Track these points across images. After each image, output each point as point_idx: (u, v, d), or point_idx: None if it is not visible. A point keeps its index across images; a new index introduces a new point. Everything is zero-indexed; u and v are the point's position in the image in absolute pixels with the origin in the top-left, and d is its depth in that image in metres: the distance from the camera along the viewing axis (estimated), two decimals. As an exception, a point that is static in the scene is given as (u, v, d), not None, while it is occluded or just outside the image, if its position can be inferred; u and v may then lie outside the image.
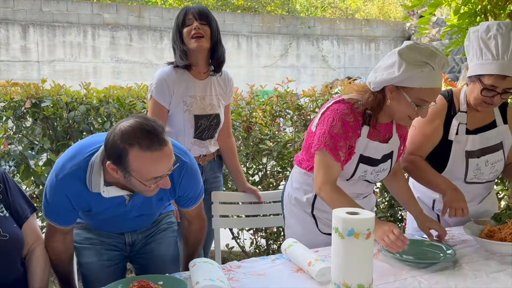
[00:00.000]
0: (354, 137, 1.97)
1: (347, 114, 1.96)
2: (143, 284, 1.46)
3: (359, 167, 2.02)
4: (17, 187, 1.86)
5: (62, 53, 9.85)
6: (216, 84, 2.57)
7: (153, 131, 1.56)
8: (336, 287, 1.50)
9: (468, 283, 1.61)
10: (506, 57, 2.05)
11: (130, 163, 1.56)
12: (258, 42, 12.09)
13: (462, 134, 2.23)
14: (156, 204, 1.93)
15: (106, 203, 1.79)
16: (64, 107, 3.32)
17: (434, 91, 1.89)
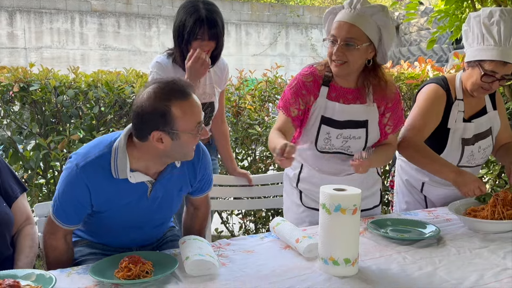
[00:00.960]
0: (309, 96, 2.07)
1: (305, 75, 2.10)
2: (134, 259, 1.48)
3: (321, 128, 2.07)
4: (8, 167, 1.86)
5: (50, 40, 9.75)
6: (212, 73, 2.56)
7: (178, 83, 1.62)
8: (323, 261, 1.54)
9: (452, 258, 1.66)
10: (508, 43, 2.08)
11: (175, 117, 1.57)
12: (247, 30, 12.05)
13: (460, 122, 2.26)
14: (176, 197, 1.85)
15: (129, 194, 1.71)
16: (53, 91, 3.30)
17: (338, 23, 2.00)
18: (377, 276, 1.51)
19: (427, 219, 2.08)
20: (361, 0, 1.95)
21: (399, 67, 3.63)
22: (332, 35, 1.98)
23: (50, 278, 1.42)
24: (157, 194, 1.76)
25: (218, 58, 2.53)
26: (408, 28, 13.07)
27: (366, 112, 2.08)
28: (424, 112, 2.25)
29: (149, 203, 1.76)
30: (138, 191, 1.72)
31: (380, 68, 2.07)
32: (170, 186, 1.78)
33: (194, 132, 1.62)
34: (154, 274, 1.47)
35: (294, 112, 2.07)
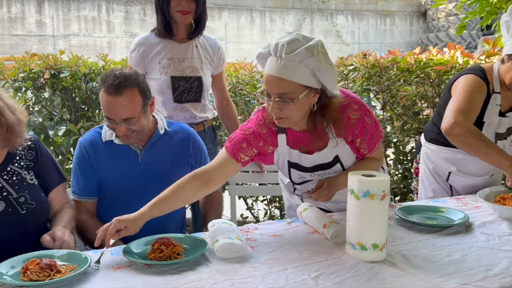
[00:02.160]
0: (266, 147, 1.86)
1: (260, 126, 1.84)
2: (165, 241, 1.51)
3: (291, 172, 1.92)
4: (49, 157, 1.90)
5: (77, 28, 9.88)
6: (201, 49, 2.56)
7: (115, 79, 1.81)
8: (351, 246, 1.55)
9: (481, 245, 1.64)
10: None
11: (99, 96, 1.88)
12: (271, 17, 11.98)
13: (495, 115, 2.20)
14: (171, 171, 1.97)
15: (120, 157, 1.94)
16: (82, 78, 3.36)
17: (267, 77, 1.70)
18: (405, 261, 1.51)
19: (456, 206, 2.06)
20: (285, 47, 1.62)
21: (428, 53, 3.57)
22: (264, 89, 1.71)
23: (85, 258, 1.47)
24: (148, 160, 1.95)
25: (202, 26, 2.52)
26: (436, 14, 12.80)
27: (334, 151, 1.85)
28: (470, 99, 2.13)
29: (142, 170, 1.94)
30: (128, 155, 1.96)
31: (328, 108, 1.74)
32: (160, 155, 1.98)
33: (105, 120, 1.87)
34: (185, 256, 1.51)
35: (244, 159, 1.85)
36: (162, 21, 2.44)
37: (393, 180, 3.57)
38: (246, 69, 3.83)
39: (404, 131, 3.54)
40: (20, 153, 1.80)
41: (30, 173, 1.80)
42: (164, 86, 2.46)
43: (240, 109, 3.74)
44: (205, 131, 2.62)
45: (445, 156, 2.33)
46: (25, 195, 1.74)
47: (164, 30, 2.45)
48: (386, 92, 3.55)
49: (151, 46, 2.47)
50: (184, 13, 2.41)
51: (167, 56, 2.47)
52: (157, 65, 2.46)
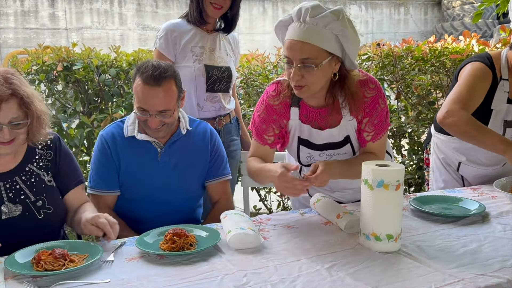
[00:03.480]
0: (280, 120, 1.86)
1: (272, 97, 1.85)
2: (178, 232, 1.51)
3: (300, 149, 1.91)
4: (69, 156, 1.82)
5: (90, 21, 9.90)
6: (225, 41, 2.58)
7: (155, 70, 1.79)
8: (365, 237, 1.53)
9: (497, 235, 1.62)
10: None
11: (133, 87, 1.87)
12: (284, 7, 11.89)
13: (503, 103, 2.16)
14: (191, 169, 1.98)
15: (140, 153, 1.92)
16: (95, 70, 3.37)
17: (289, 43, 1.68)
18: (420, 252, 1.49)
19: (471, 196, 2.03)
20: (310, 11, 1.61)
21: (443, 41, 3.51)
22: (285, 57, 1.69)
23: (96, 247, 1.47)
24: (167, 159, 1.94)
25: (233, 24, 2.53)
26: (451, 3, 12.60)
27: (346, 129, 1.84)
28: (470, 87, 2.12)
29: (160, 169, 1.93)
30: (148, 152, 1.93)
31: (347, 79, 1.75)
32: (180, 154, 1.96)
33: (137, 111, 1.84)
34: (198, 247, 1.50)
35: (270, 140, 1.89)
36: (197, 8, 2.43)
37: (408, 171, 3.53)
38: (258, 60, 3.81)
39: (418, 121, 3.49)
40: (40, 152, 1.74)
41: (49, 175, 1.74)
42: (198, 74, 2.44)
43: (253, 100, 3.73)
44: (231, 123, 2.63)
45: (454, 146, 2.30)
46: (43, 199, 1.70)
47: (199, 17, 2.44)
48: (401, 82, 3.50)
49: (183, 32, 2.45)
50: (217, 7, 2.40)
51: (199, 45, 2.46)
52: (189, 52, 2.44)
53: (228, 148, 2.57)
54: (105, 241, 1.56)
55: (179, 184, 1.96)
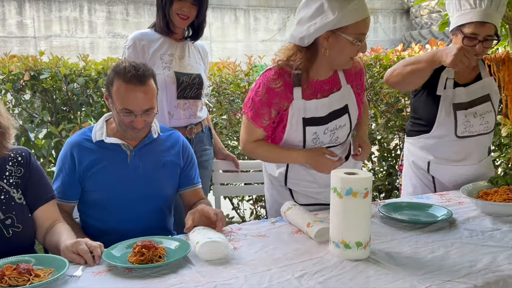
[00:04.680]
0: (282, 103, 1.93)
1: (273, 80, 1.91)
2: (146, 244, 1.49)
3: (306, 131, 1.97)
4: (39, 172, 1.77)
5: (59, 29, 9.76)
6: (194, 49, 2.58)
7: (136, 70, 1.80)
8: (334, 245, 1.54)
9: (464, 241, 1.65)
10: (483, 4, 2.11)
11: (113, 91, 1.83)
12: (255, 16, 11.97)
13: (450, 88, 2.26)
14: (161, 172, 1.96)
15: (108, 157, 1.91)
16: (63, 79, 3.32)
17: (366, 20, 1.87)
18: (388, 259, 1.51)
19: (439, 202, 2.07)
20: None
21: (410, 50, 3.59)
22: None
23: (62, 260, 1.44)
24: (137, 163, 1.92)
25: (200, 32, 2.53)
26: (419, 11, 12.89)
27: (344, 97, 2.01)
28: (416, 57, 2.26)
29: (130, 172, 1.91)
30: (117, 155, 1.92)
31: None
32: (151, 158, 1.95)
33: (120, 113, 1.83)
34: (167, 259, 1.48)
35: (265, 123, 1.97)
36: (163, 19, 2.43)
37: (378, 177, 3.58)
38: (229, 68, 3.82)
39: (387, 128, 3.55)
40: (10, 169, 1.69)
41: (19, 192, 1.69)
42: (168, 81, 2.42)
43: (224, 109, 3.73)
44: (203, 132, 2.60)
45: (421, 145, 2.36)
46: (12, 217, 1.64)
47: (166, 27, 2.44)
48: (370, 90, 3.55)
49: (151, 41, 2.44)
50: (183, 18, 2.40)
51: (168, 52, 2.46)
52: (158, 60, 2.43)
53: (200, 158, 2.53)
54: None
55: (149, 188, 1.94)
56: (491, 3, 2.11)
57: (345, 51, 1.87)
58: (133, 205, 1.92)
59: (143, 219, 1.92)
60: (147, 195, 1.93)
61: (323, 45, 1.87)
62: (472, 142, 2.29)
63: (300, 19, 1.89)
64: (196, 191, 2.07)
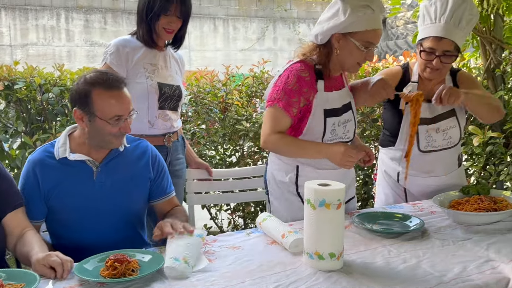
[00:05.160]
0: (310, 93, 2.03)
1: (302, 70, 2.04)
2: (119, 258, 1.47)
3: (327, 122, 2.06)
4: (7, 179, 1.75)
5: (35, 37, 9.64)
6: (173, 59, 2.56)
7: (111, 75, 1.80)
8: (308, 256, 1.55)
9: (436, 251, 1.67)
10: (442, 19, 2.15)
11: (94, 102, 1.76)
12: (234, 25, 12.02)
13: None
14: (130, 187, 1.90)
15: (73, 175, 1.84)
16: (38, 89, 3.28)
17: (377, 32, 2.00)
18: (361, 269, 1.52)
19: (411, 212, 2.10)
20: None
21: (384, 61, 3.65)
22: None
23: (34, 276, 1.42)
24: (103, 179, 1.86)
25: (182, 41, 2.53)
26: (395, 22, 13.11)
27: (348, 95, 2.19)
28: (378, 74, 2.35)
29: (96, 188, 1.85)
30: (82, 173, 1.85)
31: None
32: (118, 172, 1.89)
33: (110, 122, 1.77)
34: (140, 272, 1.47)
35: (295, 112, 2.03)
36: (148, 32, 2.39)
37: (360, 187, 3.61)
38: (207, 78, 3.82)
39: (363, 138, 3.59)
40: None
41: None
42: (151, 90, 2.38)
43: (202, 118, 3.73)
44: (178, 140, 2.58)
45: (390, 156, 2.39)
46: None
47: (151, 40, 2.41)
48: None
49: (135, 49, 2.40)
50: (170, 32, 2.38)
51: (151, 62, 2.43)
52: (142, 68, 2.39)
53: (174, 167, 2.52)
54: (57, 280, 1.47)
55: (118, 203, 1.88)
56: (451, 19, 2.14)
57: (352, 55, 2.01)
58: (103, 222, 1.86)
59: (114, 236, 1.86)
60: (116, 212, 1.88)
61: (335, 45, 2.02)
62: (437, 156, 2.32)
63: (320, 19, 2.04)
64: (170, 200, 2.03)
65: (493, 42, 3.42)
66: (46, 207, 1.85)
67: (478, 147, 3.21)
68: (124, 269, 1.45)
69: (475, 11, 2.23)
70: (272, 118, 2.04)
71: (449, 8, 2.15)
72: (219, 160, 3.74)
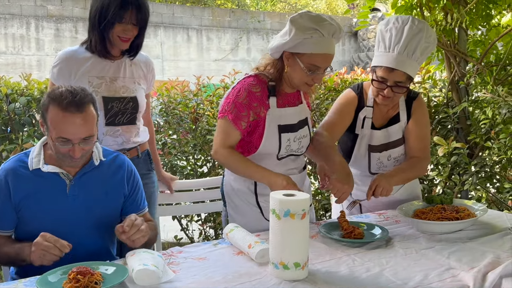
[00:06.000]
0: (259, 107, 2.05)
1: (253, 85, 2.05)
2: (82, 270, 1.45)
3: (282, 137, 2.08)
4: None
5: (4, 46, 9.45)
6: (134, 66, 2.40)
7: (75, 96, 1.72)
8: (273, 266, 1.56)
9: (399, 259, 1.71)
10: (396, 50, 2.11)
11: (48, 118, 1.74)
12: (208, 35, 12.03)
13: (367, 128, 2.31)
14: (104, 202, 1.88)
15: (45, 187, 1.80)
16: (4, 99, 3.22)
17: (326, 56, 1.99)
18: (326, 279, 1.54)
19: (376, 221, 2.14)
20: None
21: (352, 73, 3.71)
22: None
23: None
24: (76, 192, 1.84)
25: (139, 49, 2.38)
26: (366, 34, 13.35)
27: (305, 111, 2.21)
28: (337, 111, 2.33)
29: (69, 202, 1.82)
30: (55, 185, 1.82)
31: None
32: (92, 186, 1.87)
33: (56, 142, 1.74)
34: (104, 285, 1.45)
35: (243, 125, 2.04)
36: (101, 41, 2.27)
37: (324, 196, 3.65)
38: (178, 88, 3.82)
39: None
40: None
41: None
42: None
43: (173, 129, 3.72)
44: (138, 157, 2.44)
45: None
46: None
47: (104, 50, 2.29)
48: (316, 110, 3.64)
49: (80, 62, 2.28)
50: (125, 40, 2.27)
51: (98, 74, 2.29)
52: (86, 83, 2.25)
53: None
54: None
55: (89, 218, 1.86)
56: (405, 49, 2.10)
57: (298, 75, 2.01)
58: (74, 236, 1.79)
59: (84, 249, 1.81)
60: (87, 225, 1.85)
61: (285, 62, 2.03)
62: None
63: (277, 35, 2.04)
64: (143, 216, 1.99)
65: (457, 55, 3.52)
66: (17, 217, 1.81)
67: (443, 157, 3.28)
68: (87, 281, 1.43)
69: (432, 39, 2.18)
70: (223, 131, 2.06)
71: (403, 37, 2.10)
72: (190, 170, 3.73)
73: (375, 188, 2.11)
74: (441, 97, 3.68)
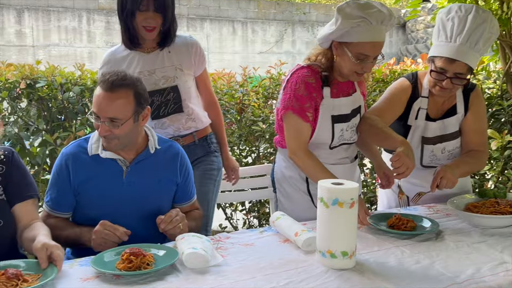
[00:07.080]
0: (317, 98, 2.05)
1: (308, 76, 2.04)
2: (135, 251, 1.50)
3: (335, 127, 2.08)
4: (23, 170, 1.79)
5: (57, 38, 9.80)
6: (174, 54, 2.35)
7: (115, 76, 1.79)
8: (321, 254, 1.56)
9: (449, 252, 1.67)
10: (458, 40, 2.02)
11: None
12: (253, 28, 12.05)
13: (422, 119, 2.23)
14: (157, 188, 1.93)
15: (103, 172, 1.87)
16: (59, 88, 3.35)
17: (374, 45, 1.95)
18: (374, 269, 1.53)
19: (426, 214, 2.09)
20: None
21: (402, 64, 3.63)
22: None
23: (52, 268, 1.45)
24: (132, 179, 1.89)
25: (171, 36, 2.34)
26: (415, 26, 13.01)
27: (359, 99, 2.19)
28: (388, 98, 2.26)
29: (124, 188, 1.88)
30: (112, 171, 1.88)
31: None
32: (147, 174, 1.91)
33: (93, 118, 1.83)
34: (155, 266, 1.50)
35: (310, 117, 2.04)
36: (126, 33, 2.29)
37: (370, 189, 3.60)
38: (224, 79, 3.85)
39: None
40: None
41: (0, 188, 1.71)
42: None
43: (219, 119, 3.75)
44: (195, 143, 2.41)
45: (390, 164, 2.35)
46: None
47: (130, 42, 2.31)
48: (363, 102, 3.59)
49: (118, 62, 2.31)
50: (150, 29, 2.24)
51: (136, 70, 2.29)
52: None
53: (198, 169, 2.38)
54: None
55: (143, 204, 1.91)
56: (467, 40, 2.01)
57: (346, 64, 1.99)
58: (127, 220, 1.84)
59: (137, 234, 1.84)
60: (141, 211, 1.90)
61: (334, 52, 2.02)
62: None
63: (327, 25, 2.03)
64: (191, 204, 2.07)
65: (513, 45, 3.38)
66: (75, 200, 1.89)
67: (496, 151, 3.17)
68: (139, 262, 1.48)
69: (495, 29, 2.08)
70: (294, 129, 2.04)
71: (467, 27, 2.01)
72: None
73: (440, 180, 2.06)
74: (495, 89, 3.55)
